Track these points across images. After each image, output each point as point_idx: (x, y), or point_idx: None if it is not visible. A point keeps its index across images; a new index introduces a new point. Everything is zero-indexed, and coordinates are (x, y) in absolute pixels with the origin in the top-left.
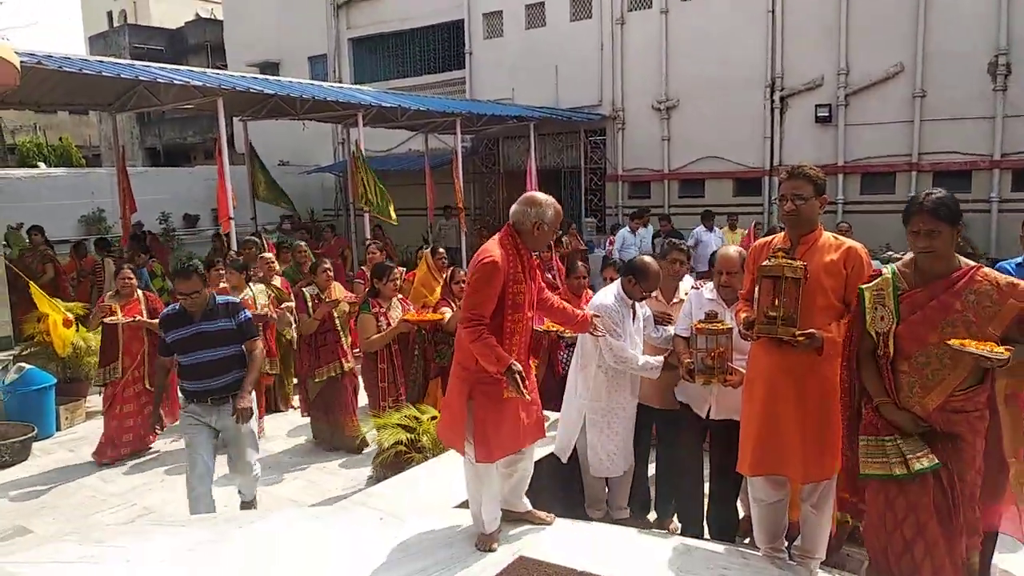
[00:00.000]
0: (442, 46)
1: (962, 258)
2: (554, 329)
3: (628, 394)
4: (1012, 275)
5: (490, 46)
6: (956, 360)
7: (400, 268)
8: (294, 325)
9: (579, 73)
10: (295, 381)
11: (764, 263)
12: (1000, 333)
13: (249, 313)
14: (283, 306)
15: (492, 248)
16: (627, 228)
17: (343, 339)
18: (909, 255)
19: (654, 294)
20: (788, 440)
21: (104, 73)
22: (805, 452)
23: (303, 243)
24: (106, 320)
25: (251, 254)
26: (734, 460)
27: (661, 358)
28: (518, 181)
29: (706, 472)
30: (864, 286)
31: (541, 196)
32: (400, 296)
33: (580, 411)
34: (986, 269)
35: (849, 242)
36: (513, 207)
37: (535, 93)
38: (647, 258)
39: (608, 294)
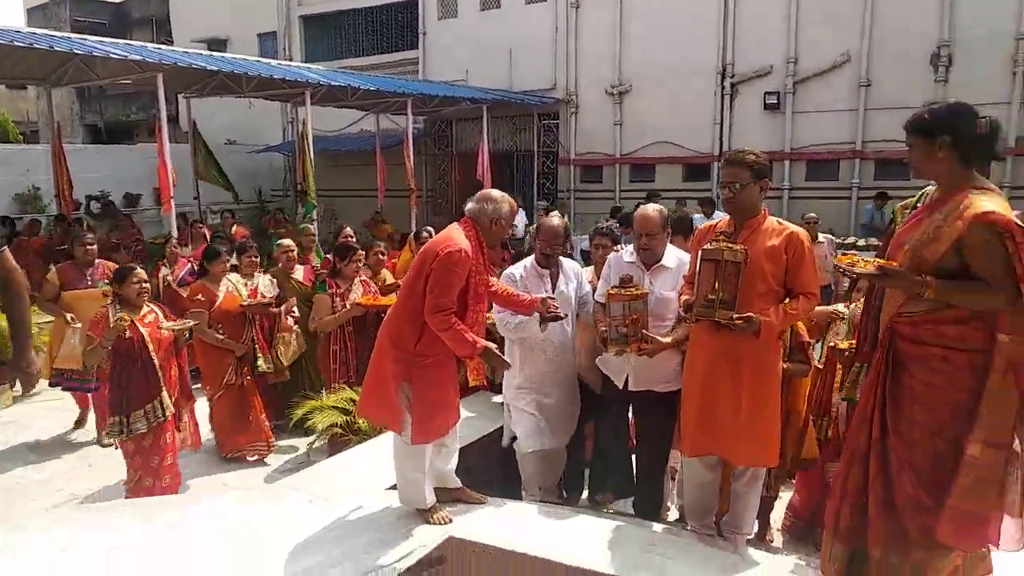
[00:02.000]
0: (395, 25)
1: (977, 182)
2: None
3: (545, 367)
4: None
5: (444, 27)
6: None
7: (361, 252)
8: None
9: (533, 56)
10: None
11: (705, 246)
12: (936, 259)
13: None
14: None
15: (458, 238)
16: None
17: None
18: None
19: (587, 275)
20: (724, 422)
21: (36, 45)
22: (740, 434)
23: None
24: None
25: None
26: (658, 433)
27: (523, 318)
28: (471, 163)
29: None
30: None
31: (496, 193)
32: (363, 278)
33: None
34: (974, 194)
35: (792, 228)
36: (470, 204)
37: (489, 75)
38: (551, 218)
39: (521, 264)
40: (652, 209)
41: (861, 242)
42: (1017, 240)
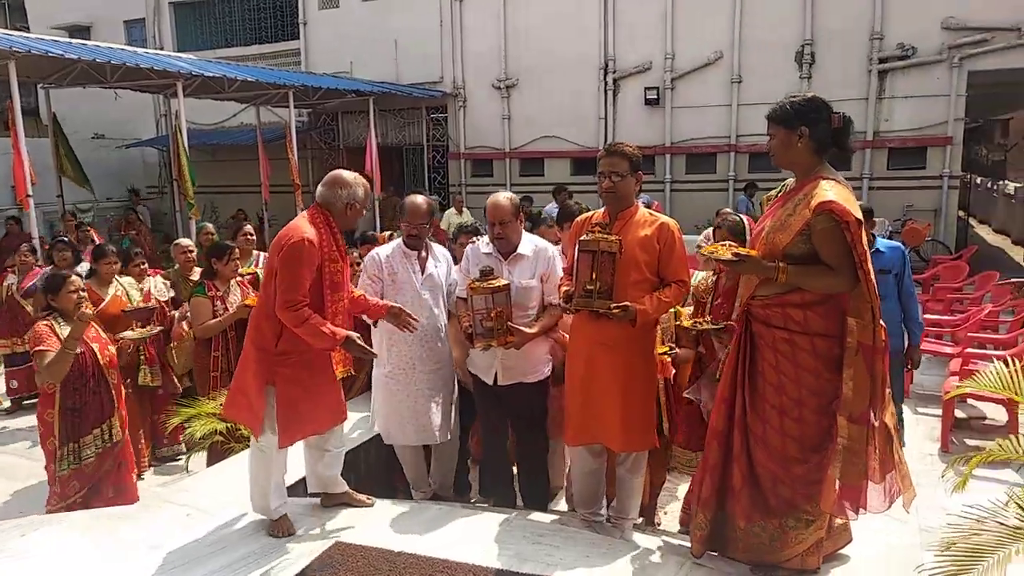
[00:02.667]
0: (275, 15)
1: (827, 172)
2: None
3: (415, 350)
4: (882, 253)
5: (326, 17)
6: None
7: (237, 251)
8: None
9: (420, 49)
10: None
11: (582, 237)
12: (786, 245)
13: None
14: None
15: (302, 226)
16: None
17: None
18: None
19: (455, 273)
20: (606, 410)
21: None
22: (622, 421)
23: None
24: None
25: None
26: (534, 424)
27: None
28: (359, 157)
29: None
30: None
31: (348, 175)
32: (239, 279)
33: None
34: (822, 184)
35: (663, 218)
36: (320, 188)
37: (375, 68)
38: (415, 196)
39: (388, 245)
40: (503, 197)
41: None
42: (853, 230)
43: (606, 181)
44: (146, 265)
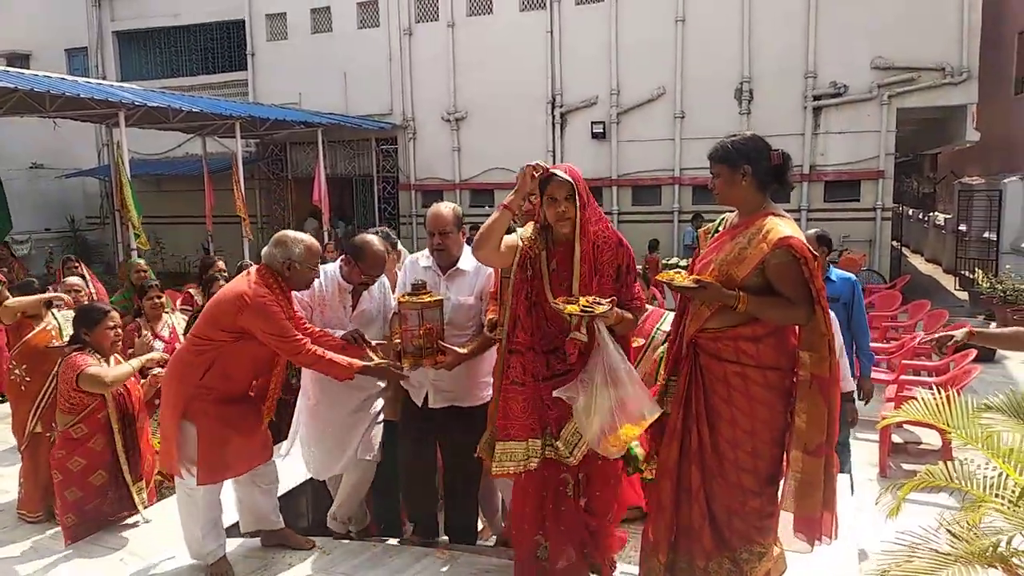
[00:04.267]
0: (220, 45)
1: (772, 208)
2: None
3: (337, 387)
4: (833, 282)
5: (274, 48)
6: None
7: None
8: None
9: (368, 81)
10: None
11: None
12: (744, 277)
13: None
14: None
15: (238, 285)
16: None
17: None
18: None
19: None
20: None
21: None
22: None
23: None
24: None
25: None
26: (465, 453)
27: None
28: (308, 188)
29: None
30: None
31: (290, 235)
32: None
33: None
34: (773, 220)
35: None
36: (265, 248)
37: (323, 99)
38: (369, 237)
39: (322, 271)
40: (445, 207)
41: (683, 262)
42: (810, 265)
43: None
44: (162, 300)
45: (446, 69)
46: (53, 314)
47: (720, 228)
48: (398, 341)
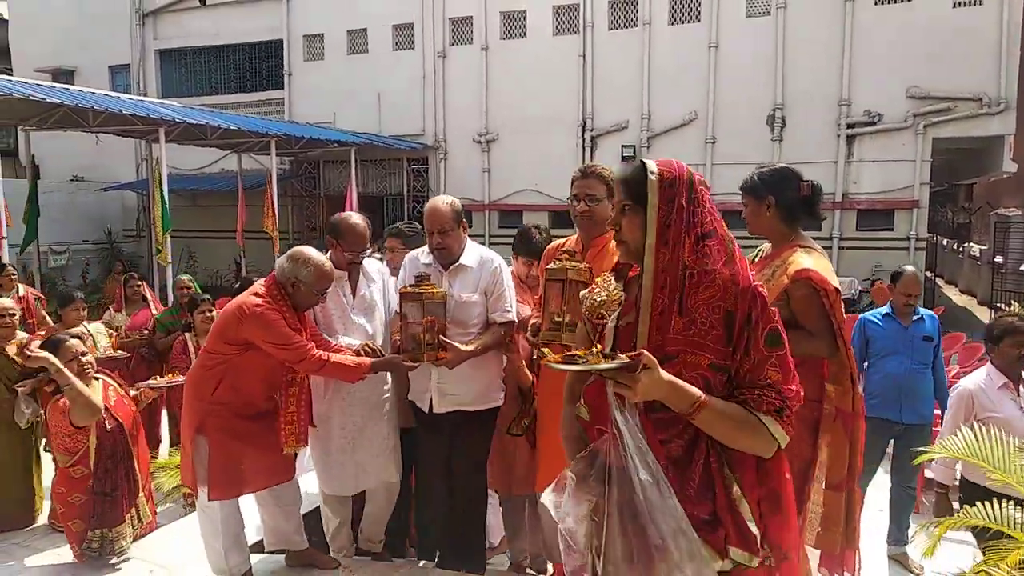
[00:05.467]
0: (259, 64)
1: (801, 240)
2: None
3: (345, 388)
4: (879, 326)
5: (311, 68)
6: None
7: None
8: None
9: (402, 102)
10: None
11: (549, 266)
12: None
13: None
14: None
15: (245, 296)
16: None
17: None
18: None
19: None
20: None
21: None
22: None
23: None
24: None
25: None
26: (471, 462)
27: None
28: (339, 206)
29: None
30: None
31: (306, 253)
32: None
33: None
34: (798, 252)
35: None
36: (279, 258)
37: (357, 119)
38: (345, 213)
39: None
40: (442, 202)
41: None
42: (832, 298)
43: (581, 204)
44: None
45: (478, 91)
46: (84, 326)
47: (756, 259)
48: (397, 339)
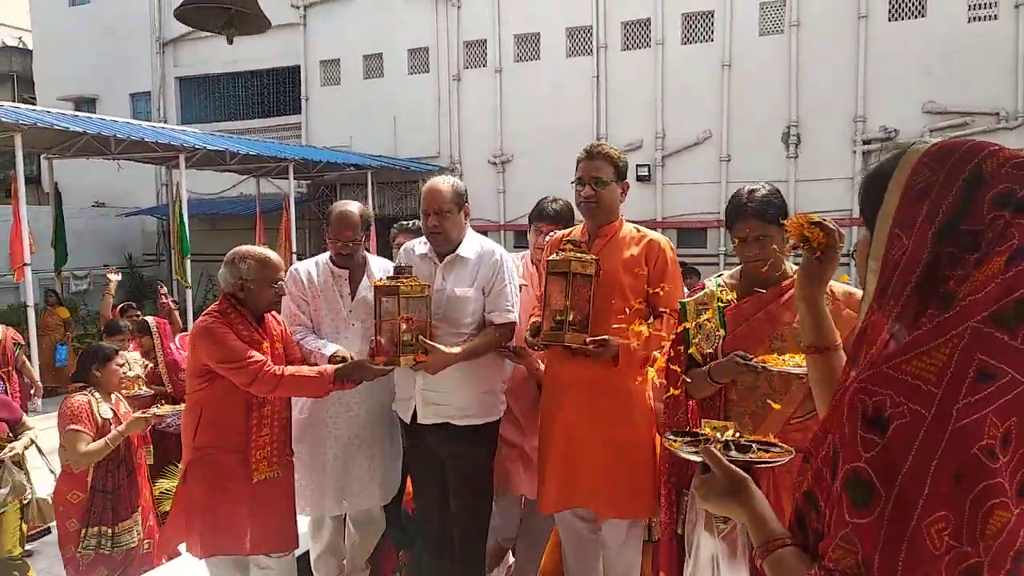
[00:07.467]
0: (276, 90)
1: (791, 265)
2: None
3: (336, 397)
4: None
5: (327, 93)
6: (787, 382)
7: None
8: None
9: (417, 125)
10: None
11: (551, 257)
12: None
13: None
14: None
15: (201, 319)
16: None
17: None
18: (734, 269)
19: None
20: (588, 467)
21: None
22: (607, 481)
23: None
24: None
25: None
26: (465, 482)
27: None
28: None
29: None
30: (685, 300)
31: (241, 250)
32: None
33: None
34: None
35: (652, 234)
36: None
37: (373, 142)
38: (337, 203)
39: (313, 261)
40: (443, 181)
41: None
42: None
43: (586, 188)
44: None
45: (493, 113)
46: (124, 355)
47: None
48: (376, 336)
